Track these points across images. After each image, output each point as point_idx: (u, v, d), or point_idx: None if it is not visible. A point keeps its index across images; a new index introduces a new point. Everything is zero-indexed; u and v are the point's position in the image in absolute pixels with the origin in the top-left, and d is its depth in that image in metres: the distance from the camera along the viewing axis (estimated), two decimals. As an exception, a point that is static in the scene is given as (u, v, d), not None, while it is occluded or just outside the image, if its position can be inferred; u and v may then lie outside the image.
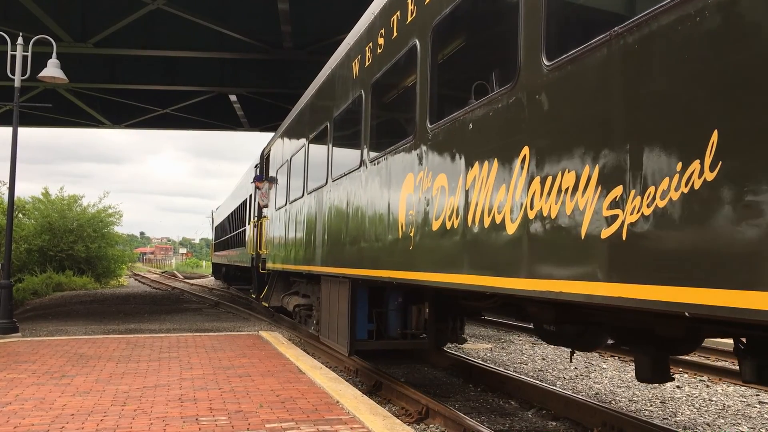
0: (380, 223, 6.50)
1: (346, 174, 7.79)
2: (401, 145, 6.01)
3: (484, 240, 4.32)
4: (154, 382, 7.04)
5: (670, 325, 4.02)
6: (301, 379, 7.30)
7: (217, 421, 5.37)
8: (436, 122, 5.21)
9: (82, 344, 10.14)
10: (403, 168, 5.92)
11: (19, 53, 12.33)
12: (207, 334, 11.74)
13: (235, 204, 26.18)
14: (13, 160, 12.42)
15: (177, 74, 18.77)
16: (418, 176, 5.52)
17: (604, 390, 8.22)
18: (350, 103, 7.74)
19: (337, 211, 8.20)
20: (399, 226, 5.93)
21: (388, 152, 6.37)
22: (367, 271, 6.90)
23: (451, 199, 4.81)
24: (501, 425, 6.51)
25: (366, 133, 7.13)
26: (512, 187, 3.98)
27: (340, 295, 8.15)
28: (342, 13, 14.75)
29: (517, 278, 3.91)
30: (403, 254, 5.80)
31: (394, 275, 6.11)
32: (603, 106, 3.23)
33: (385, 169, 6.47)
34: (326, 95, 9.24)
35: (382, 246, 6.38)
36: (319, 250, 9.13)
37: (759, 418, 6.91)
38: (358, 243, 7.24)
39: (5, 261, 12.45)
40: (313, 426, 5.21)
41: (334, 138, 8.61)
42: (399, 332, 7.98)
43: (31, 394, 6.35)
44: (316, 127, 9.70)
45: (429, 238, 5.23)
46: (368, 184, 6.97)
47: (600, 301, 3.17)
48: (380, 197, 6.56)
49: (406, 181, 5.83)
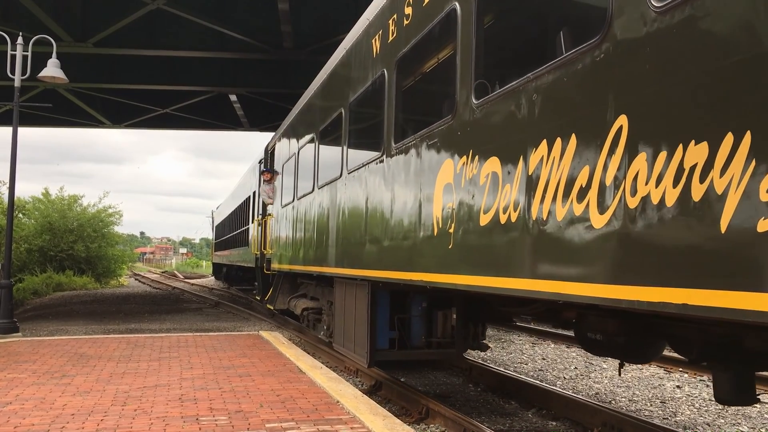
0: (409, 218, 5.71)
1: (366, 165, 7.00)
2: (436, 128, 5.20)
3: (558, 236, 3.53)
4: (154, 381, 7.04)
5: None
6: (301, 378, 7.30)
7: (217, 420, 5.37)
8: (483, 97, 4.40)
9: (83, 344, 10.14)
10: (439, 154, 5.12)
11: (19, 53, 12.33)
12: (207, 334, 11.74)
13: (238, 201, 25.24)
14: (13, 160, 12.42)
15: (177, 74, 18.76)
16: (459, 163, 4.73)
17: (604, 390, 8.22)
18: (369, 84, 6.96)
19: (354, 206, 7.41)
20: (433, 221, 5.15)
21: (418, 137, 5.54)
22: (391, 273, 6.14)
23: (507, 188, 4.05)
24: (501, 425, 6.51)
25: (389, 118, 6.32)
26: (599, 168, 3.20)
27: (357, 299, 7.46)
28: (342, 13, 14.76)
29: (610, 285, 3.10)
30: (439, 254, 5.04)
31: (427, 278, 5.30)
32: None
33: (414, 157, 5.64)
34: (340, 80, 8.43)
35: (411, 245, 5.63)
36: (332, 249, 8.38)
37: (759, 418, 6.91)
38: (379, 241, 6.49)
39: (5, 261, 12.45)
40: (313, 426, 5.21)
41: (350, 126, 7.78)
42: (423, 340, 7.22)
43: (32, 394, 6.35)
44: (328, 115, 8.91)
45: (475, 235, 4.45)
46: (392, 174, 6.17)
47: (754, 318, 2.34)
48: (408, 189, 5.76)
49: (443, 170, 5.01)
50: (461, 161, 4.71)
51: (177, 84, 19.27)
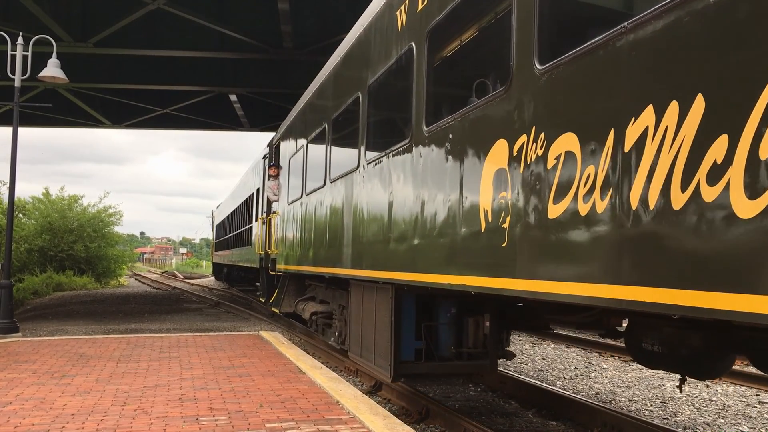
0: (446, 213, 4.94)
1: (389, 154, 6.26)
2: (484, 104, 4.41)
3: (674, 231, 2.73)
4: (154, 381, 7.04)
5: None
6: (301, 378, 7.30)
7: (217, 420, 5.37)
8: (552, 60, 3.64)
9: (83, 344, 10.14)
10: (488, 135, 4.33)
11: (19, 53, 12.33)
12: (207, 334, 11.74)
13: (240, 199, 24.27)
14: (13, 160, 12.42)
15: (177, 74, 18.75)
16: (518, 143, 3.93)
17: (604, 390, 8.22)
18: (393, 62, 6.25)
19: (375, 200, 6.67)
20: (480, 215, 4.38)
21: (458, 118, 4.80)
22: (423, 276, 5.35)
23: (590, 171, 3.27)
24: (501, 425, 6.51)
25: (419, 99, 5.55)
26: (750, 134, 2.39)
27: (377, 304, 6.77)
28: (342, 13, 14.76)
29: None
30: (488, 254, 4.29)
31: (471, 282, 4.51)
32: None
33: (452, 141, 4.88)
34: (357, 61, 7.65)
35: (449, 243, 4.86)
36: (347, 249, 7.65)
37: (759, 418, 6.91)
38: (407, 240, 5.71)
39: (5, 261, 12.45)
40: (313, 426, 5.21)
41: (369, 111, 7.06)
42: (453, 351, 6.49)
43: (32, 394, 6.35)
44: (341, 102, 8.14)
45: (541, 230, 3.67)
46: (423, 163, 5.42)
47: None
48: (444, 179, 5.00)
49: (493, 153, 4.23)
50: (520, 141, 3.91)
51: (177, 84, 19.27)
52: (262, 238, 15.24)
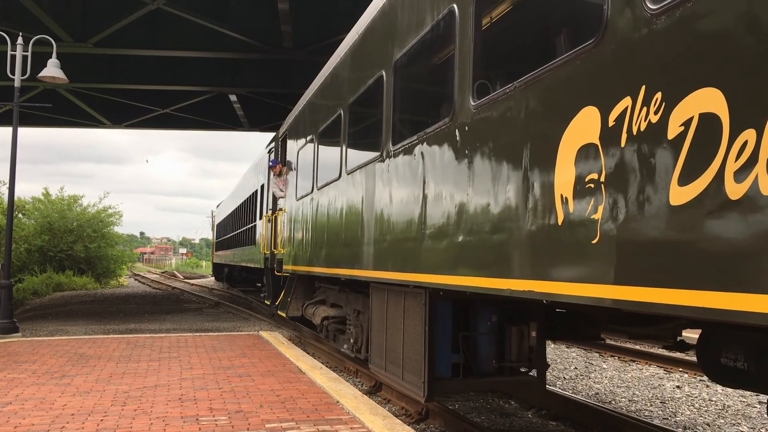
0: (506, 202, 4.09)
1: (422, 137, 5.46)
2: (561, 63, 3.53)
3: None
4: (154, 382, 7.04)
5: None
6: (301, 378, 7.31)
7: (217, 421, 5.37)
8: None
9: (83, 344, 10.14)
10: (568, 101, 3.49)
11: (19, 53, 12.34)
12: (207, 334, 11.75)
13: (243, 197, 23.09)
14: (13, 160, 12.43)
15: (177, 74, 18.76)
16: (615, 110, 3.10)
17: (604, 390, 8.22)
18: (427, 31, 5.43)
19: (404, 192, 5.88)
20: (559, 204, 3.53)
21: (521, 84, 3.92)
22: (471, 280, 4.53)
23: (739, 142, 2.44)
24: (501, 425, 6.51)
25: (462, 67, 4.73)
26: None
27: (406, 310, 5.97)
28: (342, 13, 14.76)
29: None
30: (574, 252, 3.38)
31: (541, 289, 3.64)
32: None
33: (513, 114, 4.04)
34: (379, 36, 6.88)
35: (510, 239, 4.01)
36: (367, 247, 6.91)
37: (759, 418, 6.91)
38: (449, 236, 4.91)
39: (5, 261, 12.45)
40: (313, 426, 5.21)
41: (395, 91, 6.25)
42: (494, 365, 5.68)
43: (32, 394, 6.36)
44: (360, 83, 7.35)
45: (657, 221, 2.81)
46: (471, 143, 4.60)
47: None
48: (501, 161, 4.18)
49: (576, 125, 3.41)
50: (619, 107, 3.09)
51: (177, 84, 19.27)
52: (267, 237, 14.56)
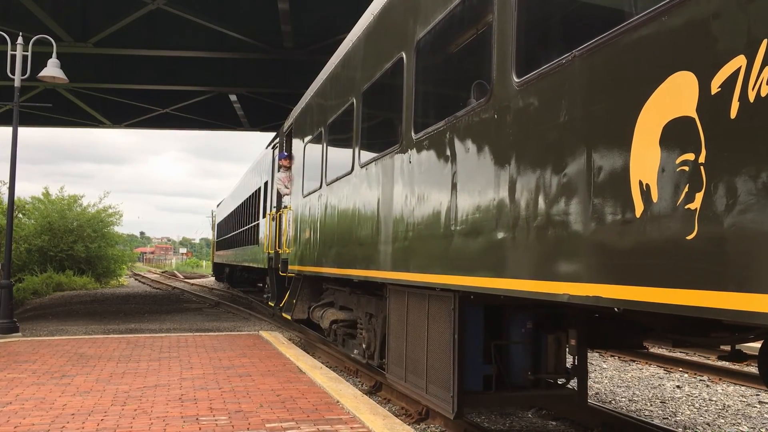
0: (561, 191, 3.51)
1: (450, 122, 4.94)
2: (647, 18, 2.90)
3: None
4: (154, 381, 7.04)
5: None
6: (301, 378, 7.31)
7: (217, 420, 5.37)
8: None
9: (83, 344, 10.15)
10: (653, 66, 2.89)
11: (19, 53, 12.34)
12: (207, 334, 11.75)
13: (245, 195, 22.43)
14: (13, 160, 12.43)
15: (177, 74, 18.76)
16: (723, 71, 2.51)
17: (604, 390, 8.22)
18: (459, 2, 4.81)
19: (428, 185, 5.34)
20: (636, 191, 2.94)
21: (584, 51, 3.34)
22: (514, 283, 3.96)
23: None
24: (501, 425, 6.51)
25: (502, 39, 4.15)
26: None
27: (431, 316, 5.43)
28: (342, 13, 14.76)
29: None
30: (667, 250, 2.75)
31: (632, 297, 2.95)
32: None
33: (572, 86, 3.45)
34: (398, 16, 6.27)
35: (570, 235, 3.42)
36: (384, 246, 6.38)
37: (759, 418, 6.92)
38: (485, 233, 4.33)
39: (5, 261, 12.46)
40: (313, 426, 5.21)
41: (418, 74, 5.66)
42: (530, 377, 5.18)
43: (32, 394, 6.36)
44: (378, 66, 6.74)
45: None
46: (514, 127, 4.05)
47: None
48: (553, 143, 3.62)
49: (664, 93, 2.82)
50: (728, 68, 2.46)
51: (177, 84, 19.28)
52: (270, 236, 14.07)
